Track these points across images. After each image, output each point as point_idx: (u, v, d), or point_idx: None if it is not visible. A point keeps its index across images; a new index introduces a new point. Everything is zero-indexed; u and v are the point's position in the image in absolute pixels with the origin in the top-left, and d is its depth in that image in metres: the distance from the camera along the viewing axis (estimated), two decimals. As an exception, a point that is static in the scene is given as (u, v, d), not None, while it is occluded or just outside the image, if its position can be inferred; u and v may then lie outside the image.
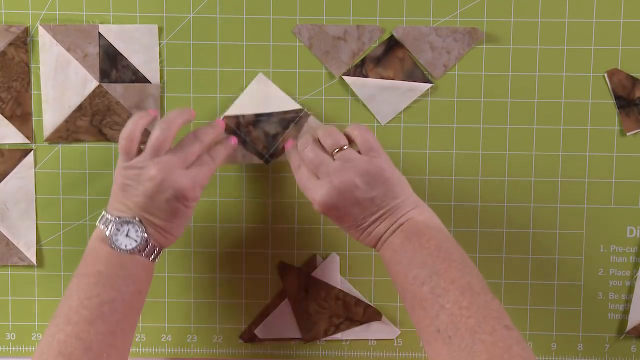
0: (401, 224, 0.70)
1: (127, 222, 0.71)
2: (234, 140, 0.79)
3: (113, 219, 0.72)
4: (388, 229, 0.71)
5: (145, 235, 0.71)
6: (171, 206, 0.72)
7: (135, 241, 0.71)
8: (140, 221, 0.72)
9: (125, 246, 0.71)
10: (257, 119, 0.81)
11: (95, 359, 0.63)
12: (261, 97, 0.81)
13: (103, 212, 0.73)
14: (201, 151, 0.75)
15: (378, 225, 0.71)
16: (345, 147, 0.73)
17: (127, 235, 0.71)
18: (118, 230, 0.71)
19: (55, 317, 0.67)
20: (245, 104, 0.81)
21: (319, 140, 0.75)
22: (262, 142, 0.81)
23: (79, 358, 0.63)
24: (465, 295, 0.63)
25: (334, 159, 0.72)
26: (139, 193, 0.72)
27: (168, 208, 0.72)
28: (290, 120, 0.81)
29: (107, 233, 0.71)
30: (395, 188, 0.71)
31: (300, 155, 0.75)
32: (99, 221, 0.73)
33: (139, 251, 0.72)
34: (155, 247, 0.73)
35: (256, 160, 0.81)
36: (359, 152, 0.73)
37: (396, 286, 0.69)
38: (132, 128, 0.73)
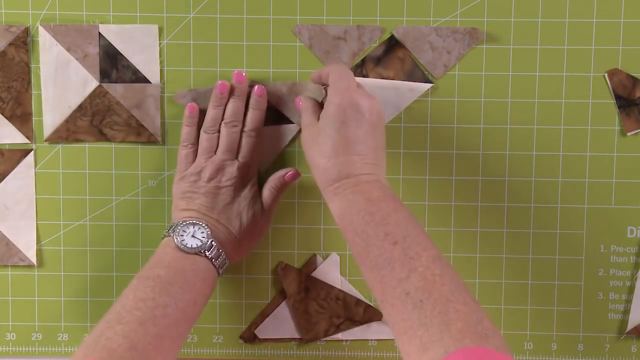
0: (377, 179, 0.69)
1: (194, 224, 0.74)
2: (259, 91, 0.79)
3: (179, 222, 0.74)
4: (363, 173, 0.69)
5: (211, 237, 0.73)
6: (234, 202, 0.76)
7: (201, 241, 0.73)
8: (207, 224, 0.74)
9: (191, 245, 0.72)
10: None
11: (138, 358, 0.63)
12: None
13: (170, 224, 0.76)
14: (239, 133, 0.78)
15: (355, 162, 0.69)
16: None
17: (193, 235, 0.73)
18: (184, 231, 0.73)
19: (107, 315, 0.67)
20: None
21: None
22: None
23: (122, 355, 0.62)
24: (437, 264, 0.61)
25: None
26: (199, 195, 0.75)
27: (232, 205, 0.76)
28: None
29: (173, 235, 0.73)
30: (380, 153, 0.72)
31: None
32: (166, 232, 0.75)
33: (203, 251, 0.73)
34: (221, 252, 0.74)
35: None
36: None
37: (350, 236, 0.67)
38: (187, 134, 0.78)
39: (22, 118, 0.81)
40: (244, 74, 0.78)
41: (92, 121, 0.81)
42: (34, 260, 0.83)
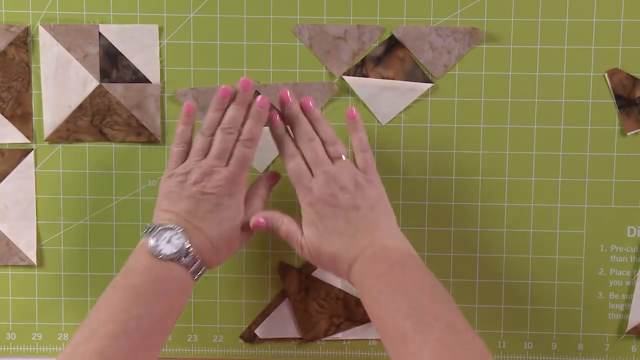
0: (382, 248, 0.70)
1: (169, 229, 0.71)
2: (262, 102, 0.74)
3: (156, 225, 0.71)
4: (360, 253, 0.70)
5: (188, 244, 0.71)
6: (215, 210, 0.73)
7: (176, 247, 0.70)
8: (183, 230, 0.71)
9: (165, 253, 0.70)
10: None
11: None
12: None
13: (148, 224, 0.73)
14: (235, 140, 0.74)
15: (350, 250, 0.71)
16: (343, 158, 0.74)
17: (168, 242, 0.71)
18: (160, 237, 0.70)
19: (82, 327, 0.66)
20: None
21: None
22: None
23: None
24: (448, 333, 0.61)
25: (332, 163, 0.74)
26: (183, 198, 0.72)
27: (213, 213, 0.72)
28: None
29: (149, 241, 0.70)
30: (378, 215, 0.72)
31: (300, 144, 0.74)
32: (143, 232, 0.72)
33: (178, 258, 0.70)
34: (197, 259, 0.71)
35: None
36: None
37: (372, 315, 0.68)
38: (182, 132, 0.75)
39: (22, 118, 0.81)
40: (251, 82, 0.74)
41: (92, 121, 0.81)
42: (34, 260, 0.83)
